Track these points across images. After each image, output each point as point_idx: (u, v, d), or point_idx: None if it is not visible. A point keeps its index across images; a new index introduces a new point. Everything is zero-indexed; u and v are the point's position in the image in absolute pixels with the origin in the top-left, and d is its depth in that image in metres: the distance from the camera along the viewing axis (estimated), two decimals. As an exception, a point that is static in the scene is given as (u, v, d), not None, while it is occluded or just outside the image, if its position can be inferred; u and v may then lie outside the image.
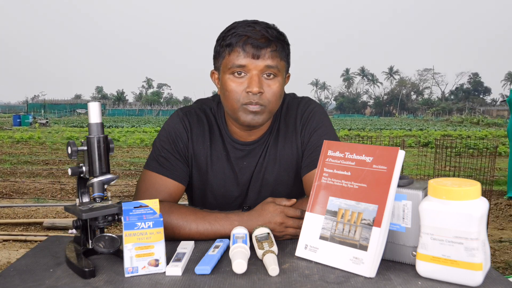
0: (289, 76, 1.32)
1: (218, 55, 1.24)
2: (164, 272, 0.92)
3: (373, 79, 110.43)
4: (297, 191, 1.37)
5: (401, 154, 0.93)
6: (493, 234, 4.59)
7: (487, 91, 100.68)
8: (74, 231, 3.91)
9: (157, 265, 0.92)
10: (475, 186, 0.84)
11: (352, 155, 0.99)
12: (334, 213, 0.97)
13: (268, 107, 1.20)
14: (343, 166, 1.00)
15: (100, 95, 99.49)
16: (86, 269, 0.91)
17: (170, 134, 1.30)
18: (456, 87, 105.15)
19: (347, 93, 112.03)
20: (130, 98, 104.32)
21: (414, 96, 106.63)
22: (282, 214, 1.11)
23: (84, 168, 1.00)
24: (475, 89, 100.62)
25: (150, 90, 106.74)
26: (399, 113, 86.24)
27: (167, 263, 0.94)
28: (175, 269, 0.92)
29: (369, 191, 0.94)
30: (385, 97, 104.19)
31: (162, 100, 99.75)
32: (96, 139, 0.99)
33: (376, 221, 0.91)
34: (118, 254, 1.00)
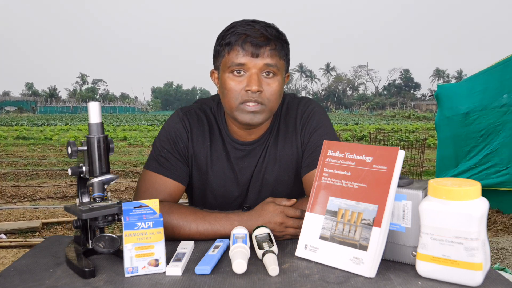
0: (288, 75, 1.31)
1: (217, 54, 1.24)
2: (164, 272, 0.92)
3: (311, 76, 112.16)
4: (297, 191, 1.37)
5: (401, 154, 0.93)
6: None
7: (417, 86, 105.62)
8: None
9: (157, 265, 0.93)
10: (475, 186, 0.84)
11: (352, 155, 0.99)
12: (334, 213, 0.97)
13: (268, 106, 1.20)
14: (343, 166, 1.00)
15: (30, 92, 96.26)
16: (86, 269, 0.91)
17: (170, 134, 1.30)
18: (389, 83, 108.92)
19: (287, 89, 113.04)
20: (63, 94, 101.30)
21: (350, 92, 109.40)
22: (282, 214, 1.11)
23: (84, 168, 1.00)
24: (406, 85, 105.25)
25: (85, 86, 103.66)
26: (336, 108, 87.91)
27: (167, 263, 0.94)
28: (175, 269, 0.92)
29: (369, 191, 0.94)
30: (323, 93, 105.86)
31: (98, 97, 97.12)
32: (96, 139, 0.99)
33: (376, 221, 0.91)
34: (118, 254, 1.00)
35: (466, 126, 5.22)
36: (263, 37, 1.17)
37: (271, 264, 0.90)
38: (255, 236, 1.03)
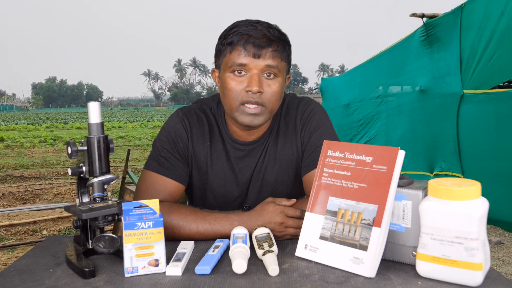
0: (289, 77, 1.32)
1: (219, 53, 1.24)
2: (164, 272, 0.92)
3: (204, 70, 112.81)
4: (297, 191, 1.37)
5: (401, 154, 0.93)
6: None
7: (305, 80, 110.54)
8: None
9: (157, 265, 0.93)
10: (475, 186, 0.84)
11: (352, 155, 0.99)
12: (334, 213, 0.97)
13: (268, 107, 1.20)
14: (343, 166, 1.00)
15: None
16: (86, 269, 0.91)
17: (170, 134, 1.30)
18: None
19: (181, 84, 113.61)
20: None
21: None
22: (282, 214, 1.11)
23: (84, 168, 1.00)
24: (294, 79, 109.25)
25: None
26: None
27: (167, 263, 0.94)
28: (175, 269, 0.92)
29: (369, 191, 0.94)
30: (217, 87, 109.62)
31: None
32: (96, 139, 0.99)
33: (376, 221, 0.91)
34: (118, 254, 1.00)
35: (347, 117, 5.59)
36: (265, 38, 1.17)
37: (271, 264, 0.90)
38: (255, 236, 1.03)
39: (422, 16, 4.26)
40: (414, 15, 4.28)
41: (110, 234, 0.99)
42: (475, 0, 3.75)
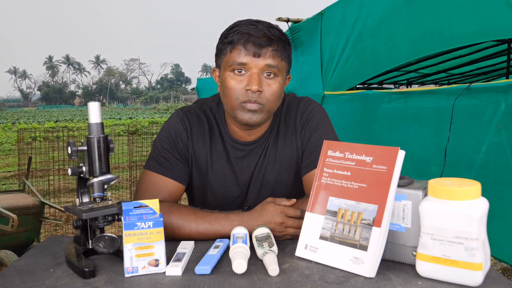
0: (289, 77, 1.32)
1: (219, 53, 1.24)
2: (164, 272, 0.92)
3: (79, 68, 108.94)
4: (297, 191, 1.37)
5: (401, 154, 0.93)
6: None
7: (188, 80, 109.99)
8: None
9: (157, 265, 0.92)
10: (475, 186, 0.84)
11: (352, 155, 0.99)
12: (334, 213, 0.97)
13: (267, 106, 1.20)
14: (343, 166, 1.00)
15: None
16: (86, 269, 0.91)
17: (170, 134, 1.30)
18: (161, 77, 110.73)
19: (52, 83, 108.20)
20: None
21: (123, 86, 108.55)
22: (282, 214, 1.11)
23: (84, 168, 1.00)
24: (177, 79, 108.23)
25: None
26: (109, 103, 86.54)
27: (167, 263, 0.94)
28: (175, 269, 0.92)
29: (369, 191, 0.94)
30: (94, 86, 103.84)
31: None
32: (96, 139, 0.99)
33: (376, 221, 0.91)
34: (118, 254, 1.00)
35: None
36: (265, 37, 1.17)
37: (271, 264, 0.90)
38: (255, 236, 1.03)
39: (287, 20, 4.38)
40: (280, 19, 4.39)
41: (110, 234, 0.99)
42: (334, 7, 3.92)
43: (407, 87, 6.82)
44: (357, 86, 4.15)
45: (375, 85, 6.85)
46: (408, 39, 3.17)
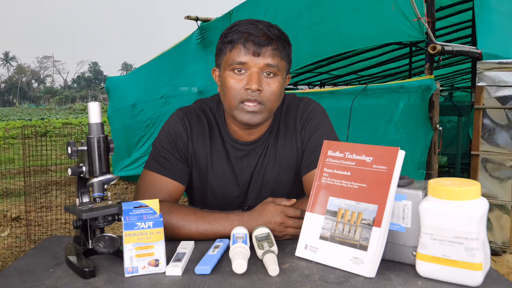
0: (289, 77, 1.32)
1: (219, 52, 1.24)
2: (164, 272, 0.92)
3: None
4: (297, 191, 1.37)
5: (401, 154, 0.93)
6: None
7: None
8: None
9: (157, 265, 0.92)
10: (475, 186, 0.84)
11: (352, 155, 0.99)
12: (334, 213, 0.97)
13: (267, 106, 1.20)
14: (343, 166, 1.00)
15: None
16: (86, 269, 0.91)
17: (170, 134, 1.30)
18: (78, 75, 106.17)
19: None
20: None
21: (36, 85, 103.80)
22: (282, 214, 1.11)
23: (84, 168, 1.00)
24: (96, 78, 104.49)
25: None
26: (20, 103, 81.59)
27: (167, 263, 0.94)
28: (175, 269, 0.92)
29: (369, 191, 0.94)
30: (3, 85, 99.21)
31: None
32: (96, 139, 0.99)
33: (376, 221, 0.91)
34: (118, 254, 1.00)
35: (133, 117, 5.57)
36: (265, 37, 1.17)
37: (271, 264, 0.90)
38: (255, 236, 1.03)
39: (196, 19, 4.36)
40: (188, 17, 4.37)
41: (110, 234, 0.99)
42: (241, 7, 3.95)
43: (320, 88, 7.00)
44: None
45: (290, 86, 6.97)
46: (310, 41, 3.25)
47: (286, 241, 1.11)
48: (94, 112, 1.00)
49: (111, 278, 0.91)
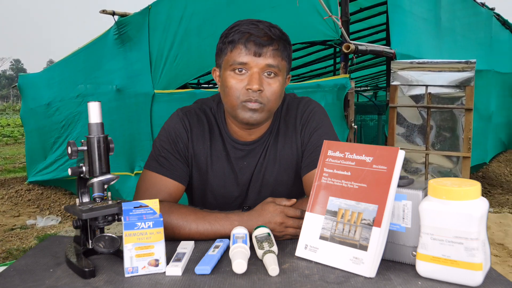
0: (289, 77, 1.32)
1: (220, 52, 1.24)
2: (164, 272, 0.92)
3: None
4: (297, 191, 1.37)
5: (401, 154, 0.93)
6: (7, 223, 4.42)
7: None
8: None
9: (157, 265, 0.93)
10: (475, 186, 0.84)
11: (352, 155, 0.99)
12: (334, 213, 0.97)
13: (267, 105, 1.20)
14: (343, 166, 1.00)
15: None
16: (86, 269, 0.91)
17: (170, 134, 1.30)
18: None
19: None
20: None
21: None
22: (282, 214, 1.11)
23: (84, 168, 1.00)
24: (18, 76, 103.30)
25: None
26: None
27: (167, 263, 0.94)
28: (175, 269, 0.92)
29: (369, 191, 0.94)
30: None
31: None
32: (96, 139, 0.99)
33: (376, 221, 0.91)
34: (118, 254, 1.00)
35: (48, 118, 5.22)
36: (266, 37, 1.17)
37: (271, 264, 0.90)
38: (255, 236, 1.03)
39: (113, 13, 4.22)
40: (104, 11, 4.22)
41: (110, 234, 0.99)
42: (160, 3, 3.86)
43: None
44: (192, 85, 4.11)
45: (206, 85, 6.90)
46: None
47: (286, 241, 1.11)
48: (94, 112, 1.00)
49: (111, 278, 0.91)
